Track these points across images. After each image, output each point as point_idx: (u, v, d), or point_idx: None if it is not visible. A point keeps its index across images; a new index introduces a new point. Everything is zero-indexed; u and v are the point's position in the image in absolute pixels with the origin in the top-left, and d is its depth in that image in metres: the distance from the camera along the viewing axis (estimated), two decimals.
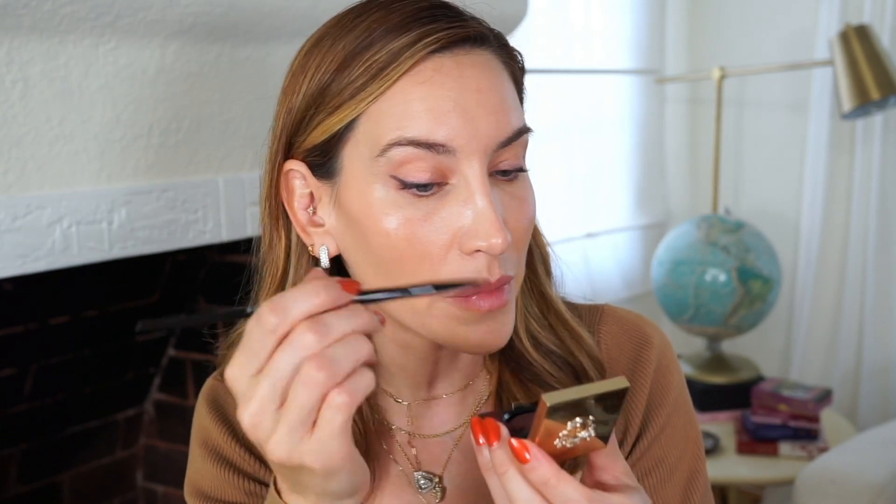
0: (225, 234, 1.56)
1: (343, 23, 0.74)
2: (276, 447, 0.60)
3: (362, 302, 0.61)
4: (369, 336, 0.60)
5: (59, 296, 1.70)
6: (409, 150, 0.69)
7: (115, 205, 1.40)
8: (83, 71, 1.34)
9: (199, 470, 0.86)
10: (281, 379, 0.58)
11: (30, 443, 1.86)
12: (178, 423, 2.03)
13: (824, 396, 2.33)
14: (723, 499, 2.63)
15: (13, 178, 1.29)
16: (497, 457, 0.63)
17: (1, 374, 1.72)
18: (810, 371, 2.94)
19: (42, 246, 1.31)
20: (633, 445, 0.84)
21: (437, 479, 0.83)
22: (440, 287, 0.67)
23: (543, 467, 0.62)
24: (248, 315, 0.61)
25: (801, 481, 2.01)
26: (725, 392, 2.50)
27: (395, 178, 0.70)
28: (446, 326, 0.73)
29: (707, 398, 2.48)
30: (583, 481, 0.66)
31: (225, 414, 0.87)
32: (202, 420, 0.88)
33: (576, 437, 0.62)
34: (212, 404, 0.88)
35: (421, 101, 0.70)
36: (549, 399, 0.60)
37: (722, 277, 2.44)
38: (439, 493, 0.83)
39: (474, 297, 0.71)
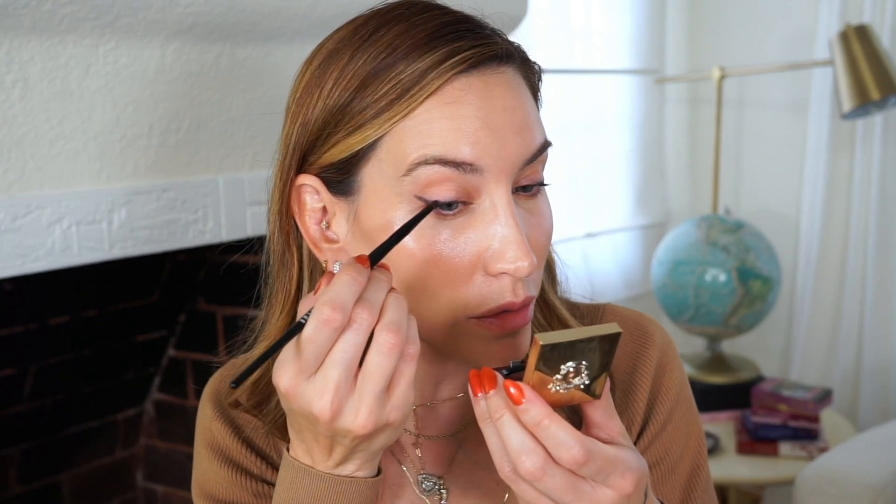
0: (225, 234, 1.56)
1: (361, 35, 0.72)
2: (367, 421, 0.63)
3: (373, 263, 0.65)
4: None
5: (59, 296, 1.70)
6: (436, 168, 0.68)
7: (115, 205, 1.40)
8: (83, 71, 1.34)
9: (206, 471, 0.86)
10: (352, 360, 0.62)
11: (30, 443, 1.86)
12: (178, 423, 2.03)
13: (824, 396, 2.33)
14: (723, 499, 2.62)
15: (13, 178, 1.29)
16: (493, 403, 0.64)
17: (1, 374, 1.72)
18: (810, 371, 2.94)
19: (42, 246, 1.31)
20: (636, 442, 0.85)
21: (440, 481, 0.83)
22: (422, 214, 0.68)
23: (536, 408, 0.62)
24: (303, 325, 0.63)
25: (801, 481, 2.01)
26: (725, 392, 2.50)
27: (420, 198, 0.69)
28: (467, 345, 0.73)
29: (707, 398, 2.48)
30: None
31: (229, 414, 0.86)
32: (207, 421, 0.87)
33: (569, 383, 0.63)
34: (216, 405, 0.87)
35: (448, 121, 0.68)
36: (543, 338, 0.61)
37: (722, 277, 2.44)
38: (444, 495, 0.83)
39: (499, 319, 0.72)
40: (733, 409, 2.48)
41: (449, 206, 0.69)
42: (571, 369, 0.63)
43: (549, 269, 0.85)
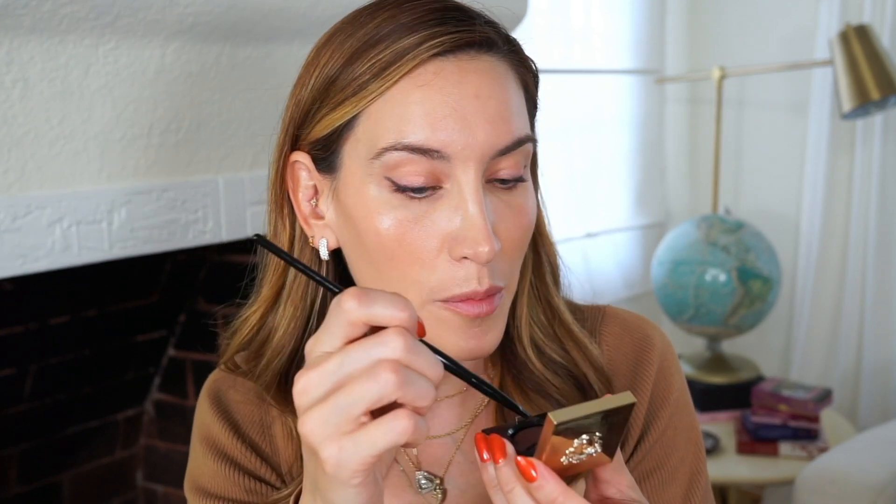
0: (225, 234, 1.56)
1: (358, 20, 0.74)
2: (310, 419, 0.57)
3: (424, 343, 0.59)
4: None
5: (59, 296, 1.70)
6: (404, 154, 0.70)
7: (115, 205, 1.40)
8: (83, 71, 1.34)
9: (200, 465, 0.86)
10: (350, 364, 0.56)
11: (30, 443, 1.86)
12: (178, 423, 2.03)
13: (824, 396, 2.33)
14: (723, 499, 2.63)
15: (13, 178, 1.29)
16: (503, 474, 0.62)
17: (1, 374, 1.72)
18: (810, 371, 2.94)
19: (42, 246, 1.31)
20: (635, 447, 0.84)
21: (438, 481, 0.83)
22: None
23: (550, 485, 0.61)
24: (338, 291, 0.60)
25: (801, 481, 2.01)
26: (725, 392, 2.50)
27: (389, 179, 0.71)
28: (437, 331, 0.73)
29: (707, 398, 2.48)
30: (587, 495, 0.66)
31: (227, 410, 0.86)
32: (204, 415, 0.87)
33: (582, 453, 0.62)
34: (214, 400, 0.87)
35: (419, 105, 0.70)
36: (556, 417, 0.59)
37: (722, 277, 2.44)
38: (440, 495, 0.83)
39: (463, 303, 0.72)
40: (733, 409, 2.48)
41: (419, 189, 0.71)
42: (585, 441, 0.62)
43: (553, 270, 0.85)
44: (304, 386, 0.57)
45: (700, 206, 3.19)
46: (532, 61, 0.77)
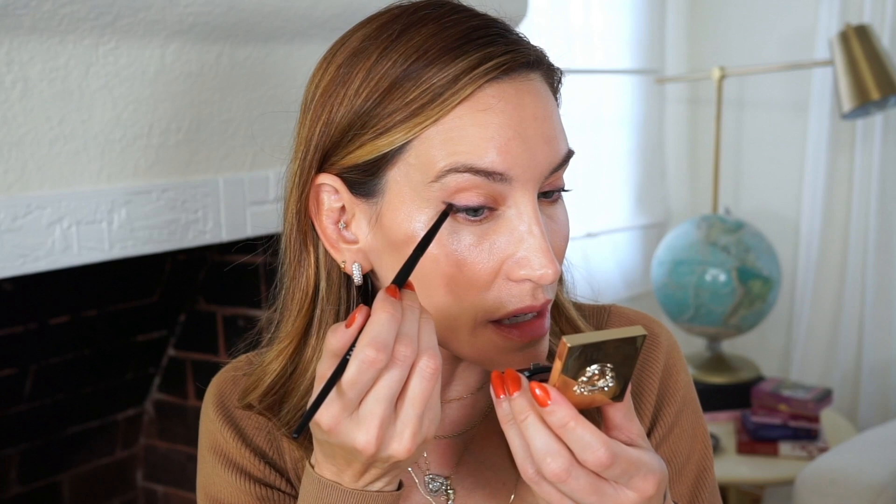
0: (225, 234, 1.56)
1: (388, 34, 0.71)
2: (411, 445, 0.64)
3: (399, 286, 0.66)
4: None
5: (59, 296, 1.70)
6: (467, 177, 0.68)
7: (115, 205, 1.40)
8: (83, 71, 1.34)
9: (210, 475, 0.85)
10: (395, 395, 0.63)
11: (30, 443, 1.86)
12: (178, 423, 2.03)
13: (824, 396, 2.33)
14: (723, 499, 2.62)
15: (13, 178, 1.29)
16: (517, 405, 0.64)
17: (1, 374, 1.72)
18: (810, 371, 2.94)
19: (42, 246, 1.31)
20: None
21: (447, 482, 0.83)
22: (436, 226, 0.68)
23: (563, 410, 0.62)
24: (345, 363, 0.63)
25: (801, 481, 2.01)
26: (725, 392, 2.50)
27: (448, 203, 0.69)
28: (487, 353, 0.73)
29: (707, 398, 2.48)
30: None
31: (232, 417, 0.85)
32: (210, 424, 0.86)
33: (594, 385, 0.63)
34: (218, 407, 0.86)
35: (479, 129, 0.68)
36: (570, 340, 0.61)
37: (722, 277, 2.44)
38: (450, 495, 0.83)
39: (518, 329, 0.72)
40: (733, 409, 2.48)
41: (475, 211, 0.69)
42: (596, 372, 0.63)
43: None
44: (376, 445, 0.63)
45: (700, 206, 3.19)
46: (558, 69, 0.76)
